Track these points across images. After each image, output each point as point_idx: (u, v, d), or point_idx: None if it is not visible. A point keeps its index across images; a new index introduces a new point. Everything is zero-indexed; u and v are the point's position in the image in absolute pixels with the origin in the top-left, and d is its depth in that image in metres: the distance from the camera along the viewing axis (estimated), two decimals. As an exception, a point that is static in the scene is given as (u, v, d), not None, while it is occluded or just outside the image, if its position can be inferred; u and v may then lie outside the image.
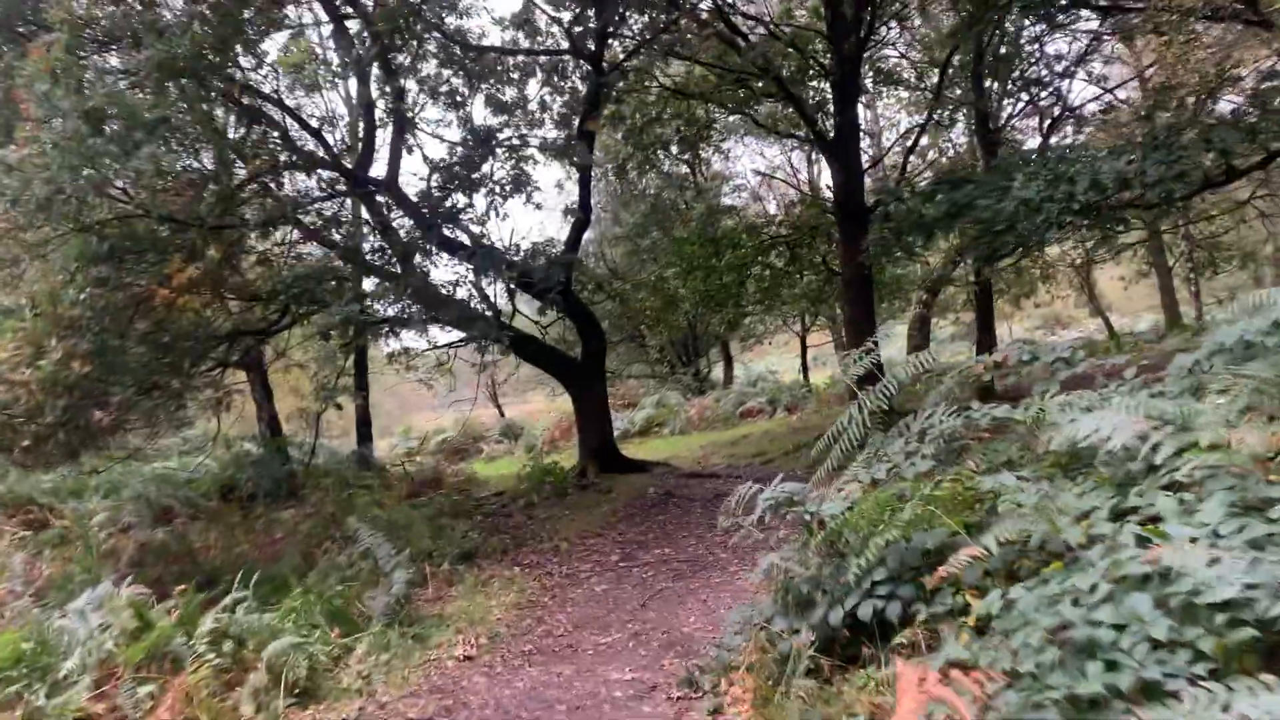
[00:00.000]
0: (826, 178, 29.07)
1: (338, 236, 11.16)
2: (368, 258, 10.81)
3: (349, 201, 11.99)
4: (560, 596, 7.65)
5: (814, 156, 28.28)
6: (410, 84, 12.94)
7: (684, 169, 27.54)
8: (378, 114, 11.34)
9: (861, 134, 15.35)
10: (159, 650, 5.68)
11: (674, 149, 21.19)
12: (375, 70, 10.22)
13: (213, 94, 8.82)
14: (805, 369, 29.85)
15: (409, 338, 12.70)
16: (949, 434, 5.50)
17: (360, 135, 12.13)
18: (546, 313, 13.53)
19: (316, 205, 10.85)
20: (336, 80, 10.85)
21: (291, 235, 11.61)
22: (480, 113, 12.35)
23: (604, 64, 12.19)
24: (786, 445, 15.88)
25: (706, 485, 12.39)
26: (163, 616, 6.14)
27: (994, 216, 8.03)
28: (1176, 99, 11.12)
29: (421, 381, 17.19)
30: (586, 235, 15.83)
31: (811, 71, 15.46)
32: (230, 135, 9.52)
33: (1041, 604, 3.31)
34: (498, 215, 11.80)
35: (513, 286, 11.06)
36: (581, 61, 11.96)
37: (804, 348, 29.95)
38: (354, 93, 13.32)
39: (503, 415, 31.60)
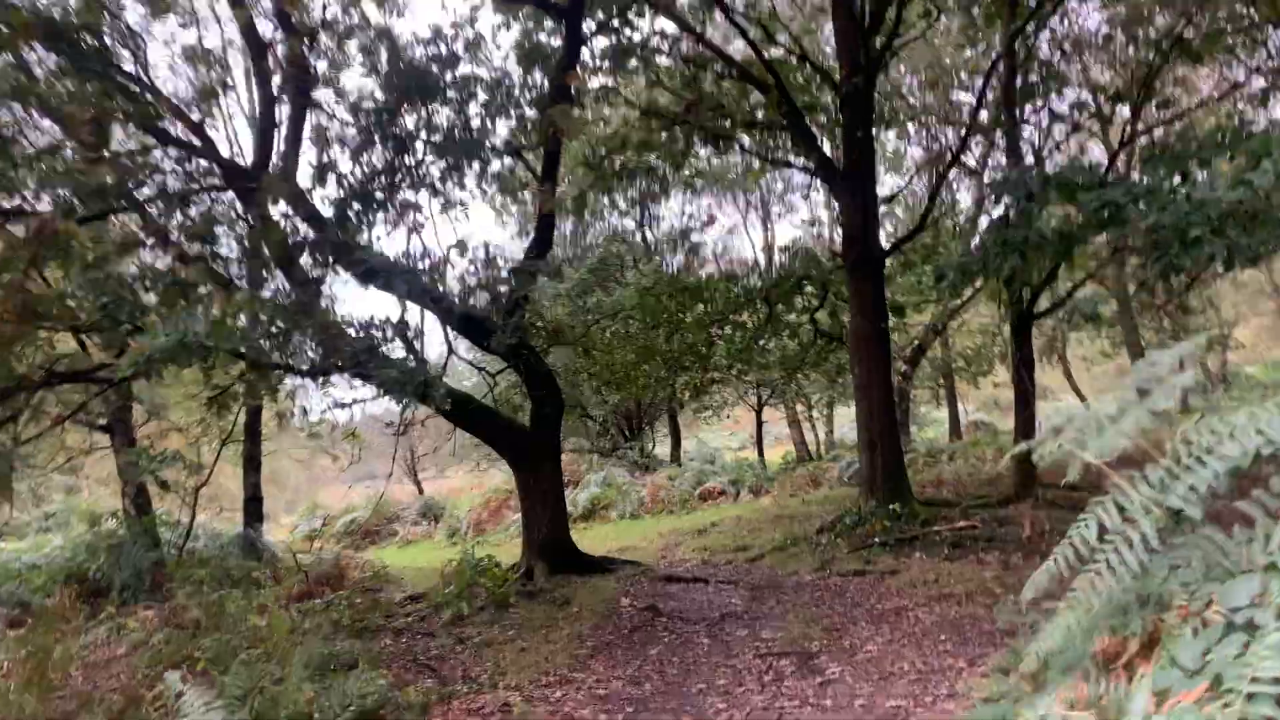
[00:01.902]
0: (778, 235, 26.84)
1: (176, 230, 7.87)
2: (225, 264, 7.54)
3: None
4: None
5: (770, 216, 26.14)
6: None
7: (631, 224, 25.01)
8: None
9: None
10: None
11: (631, 194, 18.69)
12: None
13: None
14: (761, 447, 27.21)
15: (306, 391, 9.43)
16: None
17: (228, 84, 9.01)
18: (492, 351, 10.29)
19: (156, 178, 7.58)
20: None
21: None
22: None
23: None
24: (773, 537, 12.95)
25: (696, 596, 9.34)
26: None
27: (1182, 221, 5.42)
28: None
29: (325, 450, 14.08)
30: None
31: (811, 92, 13.03)
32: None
33: None
34: (439, 196, 8.68)
35: (451, 312, 7.92)
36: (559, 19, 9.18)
37: (759, 423, 27.39)
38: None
39: (421, 492, 28.22)
